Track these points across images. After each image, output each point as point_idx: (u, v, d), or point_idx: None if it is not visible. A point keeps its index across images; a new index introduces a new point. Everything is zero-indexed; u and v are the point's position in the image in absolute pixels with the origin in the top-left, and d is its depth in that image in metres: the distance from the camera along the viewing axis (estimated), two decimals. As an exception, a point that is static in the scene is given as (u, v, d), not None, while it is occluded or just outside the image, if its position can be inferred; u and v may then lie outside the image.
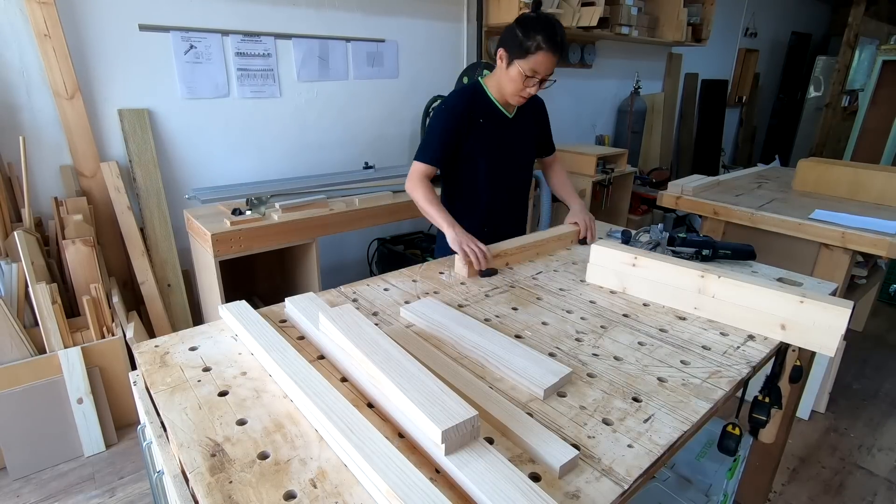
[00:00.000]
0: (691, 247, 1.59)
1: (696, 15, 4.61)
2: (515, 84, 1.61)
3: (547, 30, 1.52)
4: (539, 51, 1.53)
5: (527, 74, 1.57)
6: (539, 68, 1.55)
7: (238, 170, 2.69)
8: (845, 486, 1.98)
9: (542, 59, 1.54)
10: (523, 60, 1.55)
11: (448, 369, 0.94)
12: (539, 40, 1.52)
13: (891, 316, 3.39)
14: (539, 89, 1.63)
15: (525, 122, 1.81)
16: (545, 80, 1.61)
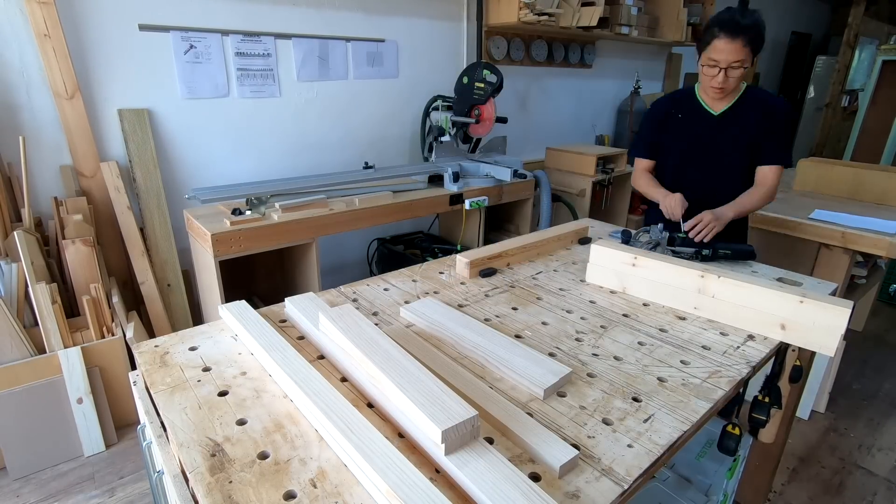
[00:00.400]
0: (691, 247, 1.59)
1: (696, 15, 4.61)
2: (703, 77, 1.66)
3: (723, 15, 1.57)
4: (713, 38, 1.56)
5: (707, 64, 1.61)
6: (716, 55, 1.57)
7: (238, 170, 2.69)
8: (845, 486, 1.98)
9: (718, 46, 1.56)
10: (704, 52, 1.61)
11: (448, 369, 0.94)
12: (714, 28, 1.56)
13: (891, 316, 3.39)
14: (726, 79, 1.60)
15: (739, 123, 1.72)
16: (731, 69, 1.58)
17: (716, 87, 1.64)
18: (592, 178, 3.55)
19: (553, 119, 4.32)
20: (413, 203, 2.48)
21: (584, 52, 4.22)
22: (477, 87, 2.89)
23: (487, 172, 2.87)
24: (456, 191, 2.63)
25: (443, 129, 2.99)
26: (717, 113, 1.74)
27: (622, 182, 3.98)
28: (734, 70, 1.59)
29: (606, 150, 3.76)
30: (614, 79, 4.75)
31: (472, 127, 2.99)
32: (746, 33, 1.54)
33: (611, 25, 3.86)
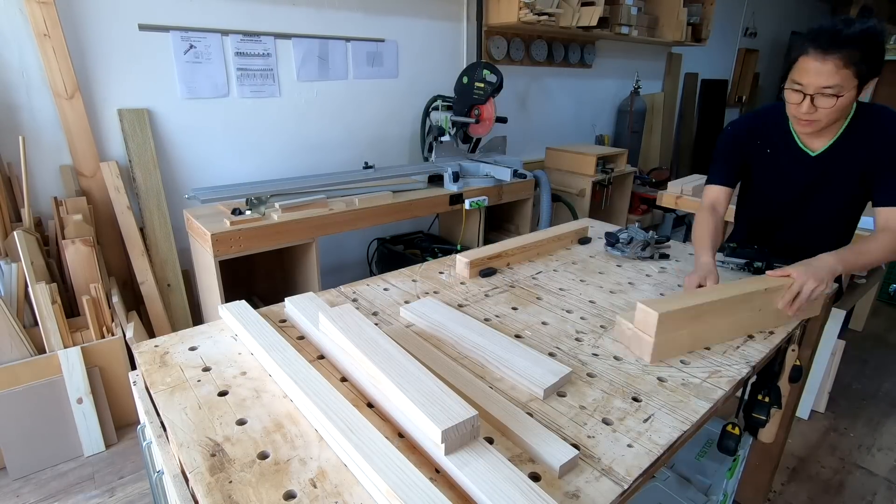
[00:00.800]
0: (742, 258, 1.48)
1: (696, 15, 4.61)
2: (788, 105, 1.28)
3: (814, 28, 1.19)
4: (801, 54, 1.20)
5: (790, 88, 1.24)
6: (801, 78, 1.21)
7: (238, 170, 2.69)
8: (845, 486, 1.98)
9: (804, 65, 1.19)
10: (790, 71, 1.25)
11: (448, 369, 0.94)
12: (804, 44, 1.19)
13: (891, 316, 3.39)
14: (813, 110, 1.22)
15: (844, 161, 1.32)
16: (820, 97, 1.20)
17: (801, 118, 1.26)
18: (592, 177, 3.55)
19: (553, 119, 4.32)
20: (413, 203, 2.48)
21: (584, 51, 4.22)
22: (477, 87, 2.89)
23: (487, 172, 2.87)
24: (456, 191, 2.63)
25: (443, 129, 2.99)
26: (815, 153, 1.35)
27: (622, 182, 3.98)
28: (826, 98, 1.19)
29: (606, 150, 3.76)
30: (614, 79, 4.75)
31: (472, 127, 2.99)
32: (847, 48, 1.14)
33: (611, 25, 3.86)
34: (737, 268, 1.49)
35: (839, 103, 1.20)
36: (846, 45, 1.14)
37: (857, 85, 1.19)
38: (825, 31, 1.16)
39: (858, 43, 1.14)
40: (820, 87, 1.19)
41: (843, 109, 1.23)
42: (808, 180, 1.39)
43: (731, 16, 5.89)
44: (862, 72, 1.17)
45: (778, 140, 1.40)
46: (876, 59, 1.17)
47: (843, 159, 1.33)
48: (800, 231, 1.48)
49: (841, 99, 1.19)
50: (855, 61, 1.15)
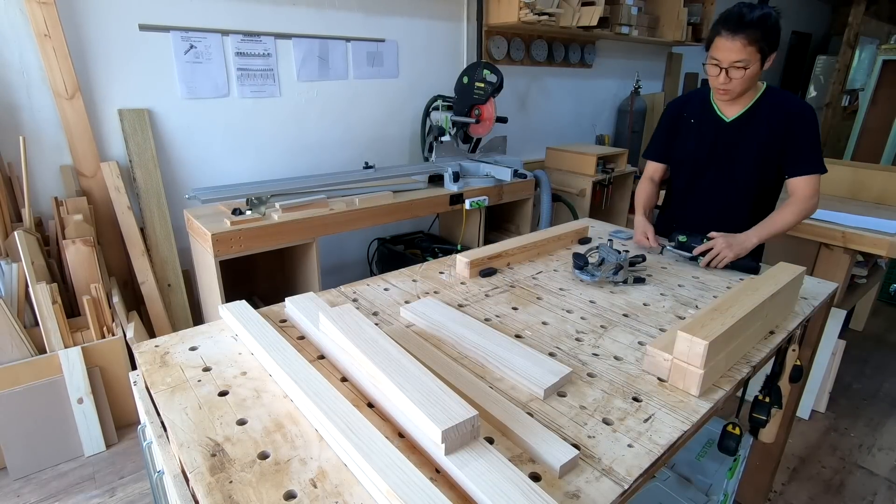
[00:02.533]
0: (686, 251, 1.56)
1: (696, 15, 4.61)
2: (710, 78, 1.56)
3: (724, 14, 1.47)
4: (716, 35, 1.47)
5: (709, 63, 1.51)
6: (717, 54, 1.48)
7: (238, 170, 2.69)
8: (845, 486, 1.98)
9: (718, 44, 1.47)
10: (709, 50, 1.52)
11: (448, 369, 0.94)
12: (717, 24, 1.47)
13: (891, 316, 3.39)
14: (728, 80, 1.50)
15: (753, 130, 1.59)
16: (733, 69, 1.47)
17: (718, 88, 1.55)
18: (592, 177, 3.55)
19: (553, 119, 4.32)
20: (413, 203, 2.48)
21: (584, 51, 4.22)
22: (477, 87, 2.89)
23: (487, 172, 2.87)
24: (456, 191, 2.63)
25: (443, 129, 2.99)
26: (728, 119, 1.63)
27: (622, 182, 3.98)
28: (736, 70, 1.47)
29: (606, 150, 3.76)
30: (614, 79, 4.75)
31: (472, 127, 2.99)
32: (750, 30, 1.41)
33: (611, 25, 3.86)
34: (683, 259, 1.57)
35: (747, 74, 1.48)
36: (749, 27, 1.42)
37: (760, 59, 1.47)
38: (733, 17, 1.44)
39: (758, 25, 1.42)
40: (731, 62, 1.47)
41: (751, 79, 1.51)
42: (722, 141, 1.66)
43: (731, 16, 5.88)
44: (763, 48, 1.46)
45: (700, 110, 1.70)
46: (773, 37, 1.46)
47: (751, 125, 1.61)
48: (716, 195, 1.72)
49: (748, 70, 1.47)
50: (757, 39, 1.43)
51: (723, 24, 1.45)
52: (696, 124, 1.70)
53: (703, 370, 0.91)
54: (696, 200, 1.76)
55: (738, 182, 1.66)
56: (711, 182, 1.71)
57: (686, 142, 1.74)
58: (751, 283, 1.17)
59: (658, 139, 1.83)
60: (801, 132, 1.55)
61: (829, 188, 2.71)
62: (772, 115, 1.57)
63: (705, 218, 1.70)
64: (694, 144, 1.71)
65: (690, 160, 1.74)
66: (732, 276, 1.50)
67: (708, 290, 1.39)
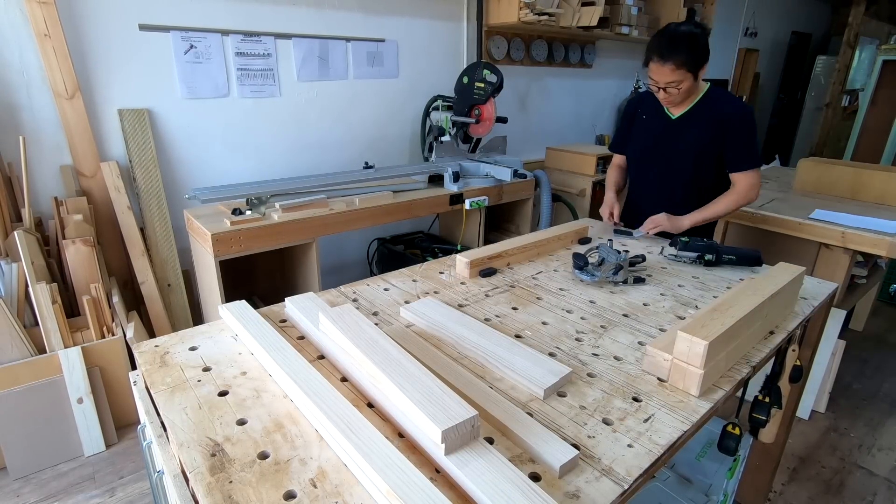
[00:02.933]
0: (694, 251, 1.57)
1: (696, 15, 4.60)
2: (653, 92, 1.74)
3: (655, 38, 1.64)
4: (650, 60, 1.64)
5: (650, 82, 1.69)
6: (653, 75, 1.66)
7: (238, 170, 2.69)
8: (845, 486, 1.98)
9: (652, 68, 1.64)
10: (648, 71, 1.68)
11: (448, 369, 0.94)
12: (650, 51, 1.63)
13: (891, 316, 3.39)
14: (668, 96, 1.68)
15: (694, 128, 1.76)
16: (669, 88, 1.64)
17: (662, 101, 1.73)
18: (592, 177, 3.55)
19: (553, 119, 4.32)
20: (413, 203, 2.48)
21: (584, 51, 4.22)
22: (477, 87, 2.89)
23: (487, 172, 2.86)
24: (456, 191, 2.63)
25: (443, 129, 2.99)
26: (674, 117, 1.80)
27: (622, 182, 3.97)
28: (671, 88, 1.64)
29: (606, 150, 3.75)
30: (614, 79, 4.74)
31: (472, 127, 2.99)
32: (676, 55, 1.57)
33: (611, 25, 3.86)
34: (689, 261, 1.59)
35: (682, 89, 1.65)
36: (674, 53, 1.58)
37: (692, 75, 1.63)
38: (662, 44, 1.59)
39: (683, 49, 1.58)
40: (665, 82, 1.64)
41: (687, 91, 1.68)
42: (668, 136, 1.82)
43: (731, 16, 5.88)
44: (691, 66, 1.60)
45: (652, 108, 1.86)
46: (699, 56, 1.61)
47: (694, 122, 1.76)
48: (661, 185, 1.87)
49: (682, 86, 1.64)
50: (684, 61, 1.59)
51: (653, 50, 1.61)
52: (648, 120, 1.87)
53: (703, 370, 0.91)
54: (645, 190, 1.94)
55: (679, 174, 1.82)
56: (657, 174, 1.88)
57: (638, 136, 1.92)
58: (751, 284, 1.17)
59: (618, 133, 2.04)
60: (737, 133, 1.70)
61: (829, 188, 2.71)
62: (711, 116, 1.73)
63: (651, 206, 1.85)
64: (643, 139, 1.89)
65: (639, 153, 1.93)
66: (732, 276, 1.50)
67: (708, 290, 1.39)
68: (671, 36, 1.59)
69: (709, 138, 1.73)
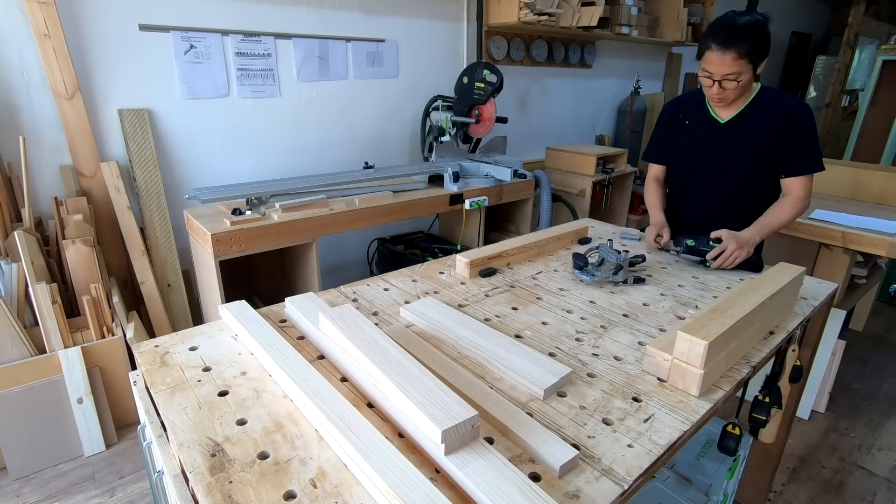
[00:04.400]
0: (698, 255, 1.55)
1: (696, 15, 4.61)
2: (704, 88, 1.59)
3: (713, 26, 1.48)
4: (706, 49, 1.49)
5: (702, 75, 1.54)
6: (709, 67, 1.51)
7: (238, 170, 2.69)
8: (845, 486, 1.98)
9: (710, 58, 1.49)
10: (700, 61, 1.54)
11: (448, 369, 0.94)
12: (707, 38, 1.48)
13: (891, 316, 3.39)
14: (723, 91, 1.52)
15: (748, 131, 1.61)
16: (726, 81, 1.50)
17: (713, 97, 1.58)
18: (592, 177, 3.55)
19: (553, 119, 4.32)
20: (413, 203, 2.48)
21: (584, 52, 4.22)
22: (477, 87, 2.89)
23: (487, 172, 2.87)
24: (456, 191, 2.63)
25: (443, 129, 2.99)
26: (723, 120, 1.65)
27: (622, 182, 3.98)
28: (729, 81, 1.50)
29: (606, 150, 3.76)
30: (614, 79, 4.75)
31: (472, 127, 2.99)
32: (740, 44, 1.43)
33: (611, 25, 3.86)
34: (690, 264, 1.58)
35: (740, 83, 1.50)
36: (738, 40, 1.43)
37: (752, 69, 1.49)
38: (723, 30, 1.45)
39: (748, 37, 1.43)
40: (723, 74, 1.49)
41: (745, 87, 1.54)
42: (716, 142, 1.67)
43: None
44: (754, 58, 1.47)
45: (695, 112, 1.71)
46: (763, 46, 1.47)
47: (746, 127, 1.62)
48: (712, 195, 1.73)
49: (741, 81, 1.49)
50: (747, 51, 1.44)
51: (712, 37, 1.46)
52: (692, 126, 1.72)
53: (703, 370, 0.91)
54: (693, 201, 1.78)
55: (734, 183, 1.67)
56: (707, 183, 1.72)
57: (682, 143, 1.75)
58: (751, 284, 1.17)
59: (656, 141, 1.85)
60: (795, 132, 1.56)
61: (830, 188, 2.71)
62: (766, 117, 1.58)
63: (703, 218, 1.72)
64: (689, 146, 1.73)
65: (686, 162, 1.76)
66: (732, 276, 1.50)
67: (708, 291, 1.39)
68: (734, 22, 1.43)
69: (767, 142, 1.58)
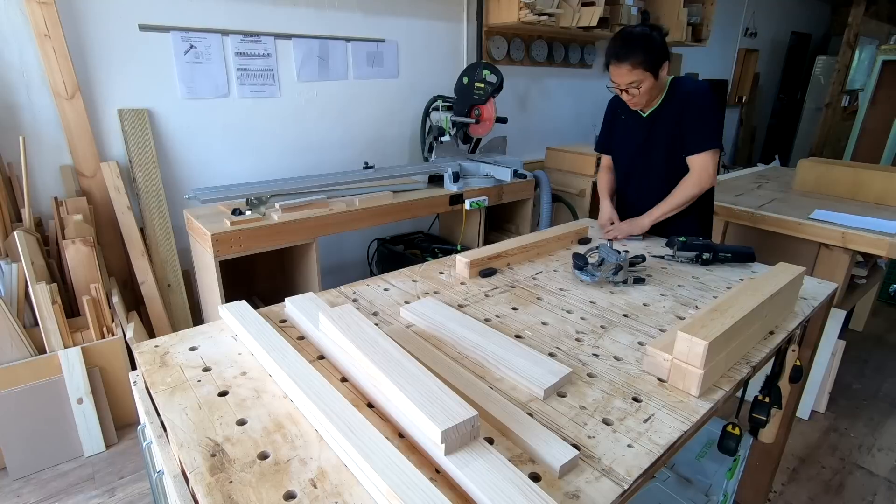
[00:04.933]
0: (692, 251, 1.58)
1: (696, 15, 4.60)
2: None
3: (609, 43, 1.66)
4: (608, 64, 1.67)
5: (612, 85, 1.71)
6: (613, 78, 1.68)
7: (238, 170, 2.69)
8: (845, 486, 1.98)
9: (611, 70, 1.67)
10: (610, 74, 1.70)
11: (448, 369, 0.94)
12: (607, 55, 1.66)
13: (891, 316, 3.39)
14: (631, 97, 1.69)
15: (663, 122, 1.77)
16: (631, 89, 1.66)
17: (628, 102, 1.74)
18: (592, 178, 3.54)
19: (553, 119, 4.32)
20: (413, 203, 2.48)
21: (584, 52, 4.22)
22: (477, 87, 2.89)
23: (487, 172, 2.86)
24: (456, 191, 2.63)
25: (443, 129, 2.99)
26: (645, 115, 1.81)
27: (622, 182, 3.97)
28: (632, 88, 1.65)
29: (606, 150, 3.75)
30: (614, 79, 4.74)
31: (472, 127, 2.99)
32: (631, 56, 1.59)
33: (611, 25, 3.85)
34: (686, 261, 1.61)
35: (643, 88, 1.66)
36: (629, 55, 1.60)
37: (651, 74, 1.63)
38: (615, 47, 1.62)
39: (639, 48, 1.59)
40: (625, 84, 1.66)
41: (650, 90, 1.68)
42: (641, 135, 1.83)
43: (731, 16, 5.89)
44: (648, 65, 1.61)
45: (628, 109, 1.85)
46: (657, 54, 1.61)
47: (662, 119, 1.77)
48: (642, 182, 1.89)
49: (642, 86, 1.65)
50: (640, 61, 1.61)
51: (610, 54, 1.65)
52: (625, 120, 1.89)
53: (703, 370, 0.91)
54: (629, 187, 1.97)
55: (656, 170, 1.84)
56: (637, 171, 1.90)
57: (619, 136, 1.94)
58: (750, 284, 1.17)
59: (602, 133, 2.04)
60: (690, 113, 1.70)
61: (830, 188, 2.71)
62: (674, 105, 1.74)
63: (639, 202, 1.88)
64: (623, 138, 1.91)
65: (621, 152, 1.96)
66: (732, 276, 1.50)
67: (708, 291, 1.39)
68: (624, 38, 1.62)
69: (676, 127, 1.74)
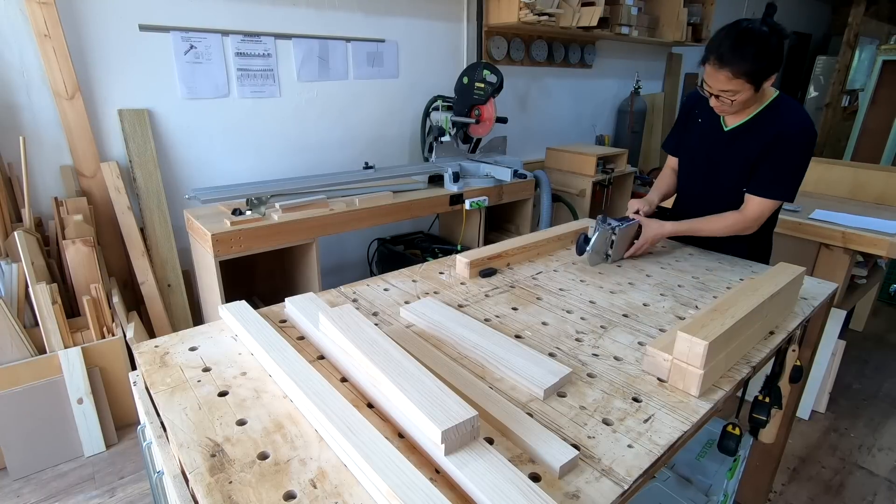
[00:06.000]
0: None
1: (696, 15, 4.61)
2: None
3: (717, 36, 1.37)
4: (705, 61, 1.39)
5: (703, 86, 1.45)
6: (707, 80, 1.42)
7: (238, 170, 2.69)
8: (845, 486, 1.98)
9: (707, 70, 1.39)
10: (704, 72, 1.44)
11: (448, 369, 0.94)
12: (708, 50, 1.37)
13: (891, 316, 3.39)
14: (720, 104, 1.44)
15: (745, 143, 1.51)
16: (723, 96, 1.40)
17: (716, 108, 1.48)
18: (592, 178, 3.55)
19: (553, 119, 4.32)
20: (413, 203, 2.48)
21: (584, 52, 4.22)
22: (477, 87, 2.89)
23: (487, 172, 2.87)
24: (456, 191, 2.63)
25: (443, 129, 2.99)
26: (727, 128, 1.55)
27: (622, 182, 3.98)
28: (725, 97, 1.40)
29: (606, 150, 3.76)
30: (614, 79, 4.75)
31: (472, 127, 2.99)
32: (736, 64, 1.32)
33: (611, 25, 3.86)
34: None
35: (737, 100, 1.40)
36: (735, 60, 1.32)
37: (753, 87, 1.37)
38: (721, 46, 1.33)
39: (746, 57, 1.31)
40: (718, 90, 1.40)
41: (744, 103, 1.42)
42: (716, 151, 1.60)
43: (731, 16, 5.87)
44: (752, 78, 1.35)
45: (707, 112, 1.59)
46: (767, 64, 1.33)
47: (746, 138, 1.51)
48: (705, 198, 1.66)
49: (738, 97, 1.39)
50: (744, 71, 1.33)
51: (712, 50, 1.35)
52: (702, 125, 1.64)
53: (703, 370, 0.91)
54: (690, 199, 1.76)
55: (725, 190, 1.60)
56: (703, 185, 1.69)
57: (690, 140, 1.70)
58: (751, 284, 1.17)
59: (673, 131, 1.79)
60: (778, 152, 1.45)
61: (830, 188, 2.71)
62: (765, 131, 1.47)
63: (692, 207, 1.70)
64: (694, 146, 1.68)
65: (689, 159, 1.73)
66: (732, 276, 1.50)
67: (708, 291, 1.39)
68: (738, 37, 1.31)
69: (758, 156, 1.48)
